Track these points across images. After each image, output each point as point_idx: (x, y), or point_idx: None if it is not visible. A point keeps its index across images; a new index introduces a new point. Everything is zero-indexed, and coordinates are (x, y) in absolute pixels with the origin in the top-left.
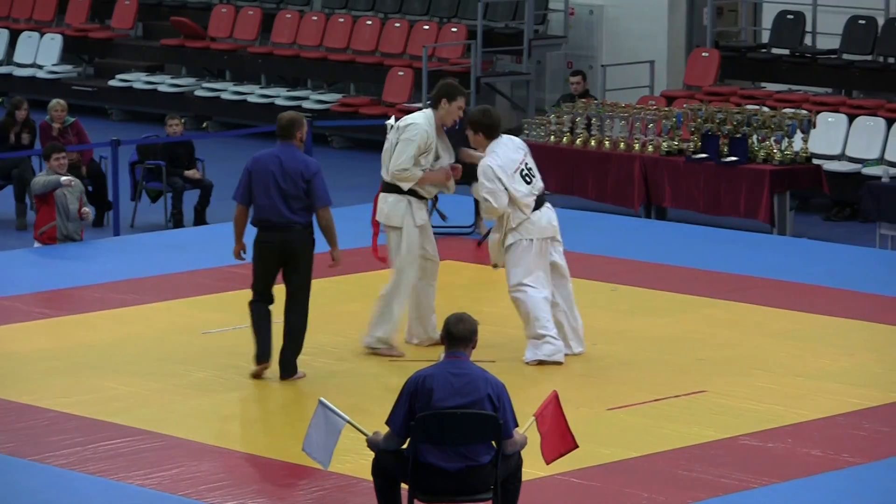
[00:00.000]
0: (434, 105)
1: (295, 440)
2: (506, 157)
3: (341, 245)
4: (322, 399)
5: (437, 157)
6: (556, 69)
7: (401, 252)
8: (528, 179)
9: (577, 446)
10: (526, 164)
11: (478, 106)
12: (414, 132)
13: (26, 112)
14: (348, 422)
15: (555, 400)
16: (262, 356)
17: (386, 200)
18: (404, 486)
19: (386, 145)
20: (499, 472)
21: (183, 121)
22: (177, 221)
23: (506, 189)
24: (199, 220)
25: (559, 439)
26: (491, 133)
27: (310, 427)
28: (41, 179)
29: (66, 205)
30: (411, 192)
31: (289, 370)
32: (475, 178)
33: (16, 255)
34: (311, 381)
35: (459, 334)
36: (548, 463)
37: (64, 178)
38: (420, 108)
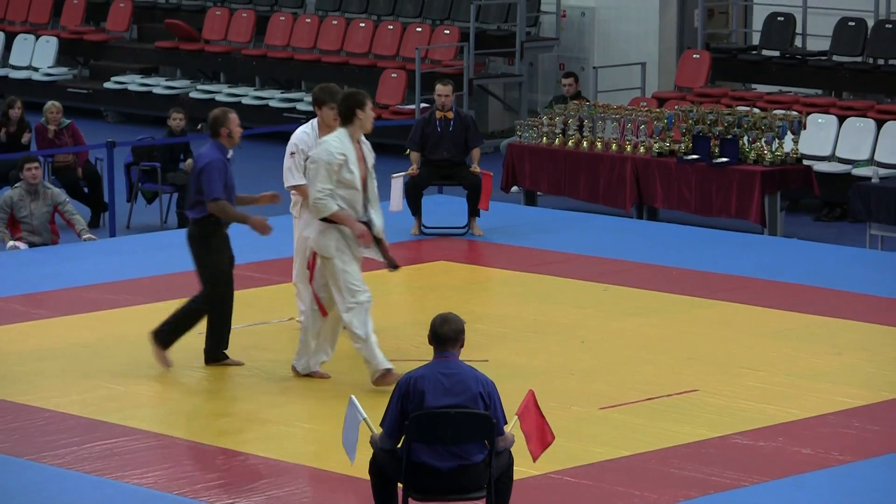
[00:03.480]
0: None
1: (290, 439)
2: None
3: None
4: (352, 396)
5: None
6: (548, 71)
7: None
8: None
9: (554, 438)
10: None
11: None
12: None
13: (20, 110)
14: (363, 419)
15: (532, 398)
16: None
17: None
18: (401, 485)
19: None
20: (492, 471)
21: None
22: (180, 221)
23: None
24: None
25: (541, 435)
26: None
27: (344, 422)
28: None
29: (31, 222)
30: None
31: (157, 338)
32: (463, 181)
33: (10, 256)
34: (307, 382)
35: (446, 335)
36: (535, 459)
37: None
38: (413, 110)
